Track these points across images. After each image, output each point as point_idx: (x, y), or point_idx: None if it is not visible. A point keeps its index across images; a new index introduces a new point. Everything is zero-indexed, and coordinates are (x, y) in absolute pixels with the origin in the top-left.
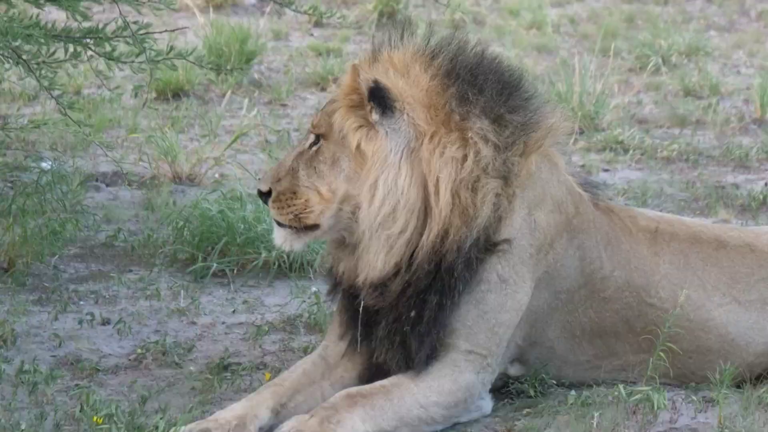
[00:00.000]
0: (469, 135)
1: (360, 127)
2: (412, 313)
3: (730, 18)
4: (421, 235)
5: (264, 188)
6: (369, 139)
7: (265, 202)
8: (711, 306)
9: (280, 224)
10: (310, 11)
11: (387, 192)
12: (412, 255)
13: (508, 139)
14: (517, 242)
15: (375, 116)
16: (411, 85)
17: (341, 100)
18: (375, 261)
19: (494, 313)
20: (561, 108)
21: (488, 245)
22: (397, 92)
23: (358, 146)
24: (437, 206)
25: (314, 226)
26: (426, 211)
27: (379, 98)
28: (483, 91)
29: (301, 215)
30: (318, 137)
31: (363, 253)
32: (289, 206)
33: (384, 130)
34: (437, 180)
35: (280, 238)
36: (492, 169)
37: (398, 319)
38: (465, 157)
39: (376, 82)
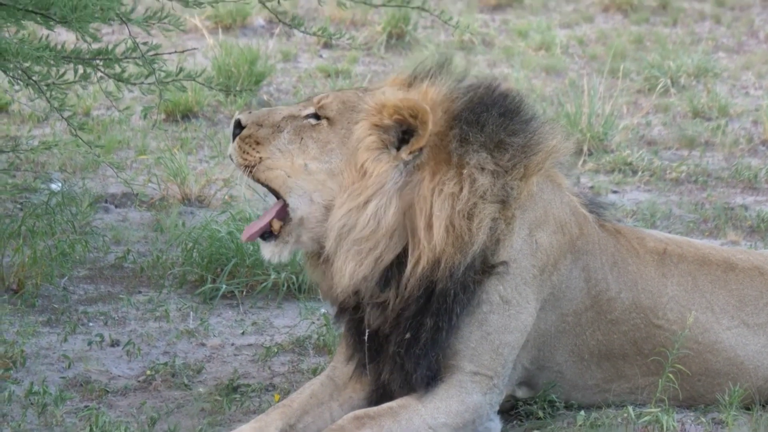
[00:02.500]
0: (464, 171)
1: (376, 148)
2: (408, 335)
3: (738, 39)
4: (398, 256)
5: (244, 121)
6: (377, 161)
7: (233, 135)
8: (719, 329)
9: (264, 236)
10: (319, 32)
11: (373, 214)
12: (399, 281)
13: (509, 163)
14: (518, 263)
15: (405, 156)
16: (433, 127)
17: (373, 112)
18: (344, 269)
19: (498, 334)
20: (562, 128)
21: (485, 267)
22: (428, 138)
23: (363, 163)
24: (429, 241)
25: (281, 220)
26: (407, 236)
27: (417, 141)
28: (484, 127)
29: (256, 169)
30: (319, 116)
31: (334, 259)
32: (248, 153)
33: (397, 164)
34: (431, 216)
35: (267, 249)
36: (490, 194)
37: (399, 342)
38: (461, 190)
39: (426, 124)
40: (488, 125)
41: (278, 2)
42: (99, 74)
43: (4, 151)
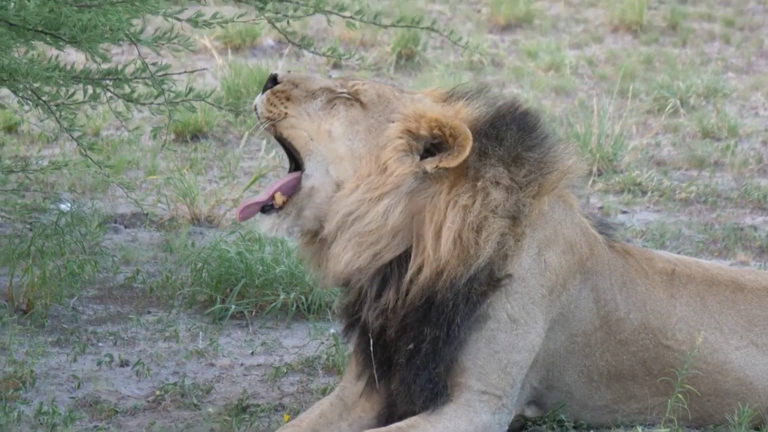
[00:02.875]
0: (479, 184)
1: (402, 150)
2: (411, 346)
3: (748, 60)
4: (399, 258)
5: (280, 77)
6: (400, 162)
7: (265, 88)
8: (728, 349)
9: (264, 209)
10: (329, 53)
11: (383, 211)
12: (399, 283)
13: (524, 179)
14: (526, 282)
15: (429, 168)
16: None
17: (411, 118)
18: (341, 256)
19: (506, 353)
20: (575, 149)
21: (491, 281)
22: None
23: (386, 160)
24: (435, 251)
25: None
26: (411, 240)
27: (448, 161)
28: (503, 141)
29: (279, 124)
30: (355, 99)
31: (332, 244)
32: (275, 106)
33: (418, 171)
34: (441, 227)
35: (266, 222)
36: (502, 209)
37: (397, 351)
38: (474, 203)
39: (464, 149)
40: (507, 140)
41: (288, 23)
42: (108, 94)
43: (14, 171)
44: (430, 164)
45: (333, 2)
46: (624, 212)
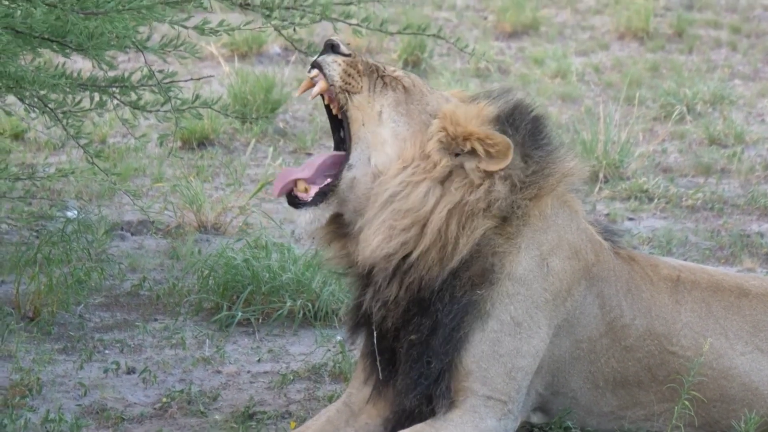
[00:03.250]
0: (500, 173)
1: (443, 143)
2: (413, 337)
3: (754, 67)
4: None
5: (344, 49)
6: (441, 154)
7: (324, 50)
8: (733, 354)
9: (299, 203)
10: None
11: (424, 196)
12: (402, 280)
13: (527, 179)
14: (528, 285)
15: (468, 166)
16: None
17: (448, 120)
18: (372, 238)
19: (510, 357)
20: (577, 153)
21: (482, 273)
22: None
23: (430, 150)
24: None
25: (345, 156)
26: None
27: (489, 166)
28: (516, 137)
29: (353, 98)
30: (398, 82)
31: (365, 227)
32: (355, 80)
33: (454, 166)
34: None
35: (306, 216)
36: (496, 208)
37: (397, 338)
38: (483, 188)
39: (506, 158)
40: (520, 136)
41: (294, 30)
42: (115, 102)
43: (21, 179)
44: (469, 163)
45: (339, 10)
46: (630, 219)
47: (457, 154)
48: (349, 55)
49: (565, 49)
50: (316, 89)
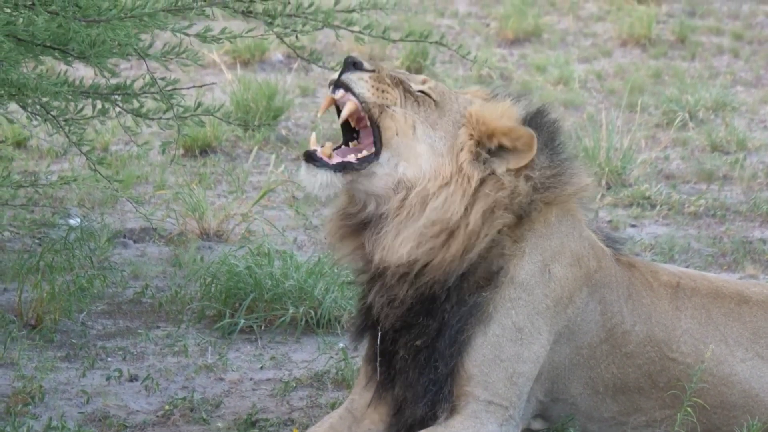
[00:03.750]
0: (525, 171)
1: (474, 153)
2: (418, 342)
3: (756, 73)
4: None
5: (370, 66)
6: (474, 166)
7: (346, 68)
8: (733, 361)
9: (318, 163)
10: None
11: (458, 209)
12: (413, 281)
13: (548, 181)
14: (529, 290)
15: (499, 171)
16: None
17: (473, 124)
18: (401, 246)
19: (511, 363)
20: (589, 168)
21: (488, 275)
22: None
23: (462, 162)
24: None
25: (374, 154)
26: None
27: (517, 161)
28: (541, 131)
29: (386, 110)
30: (428, 96)
31: (390, 232)
32: (387, 92)
33: (486, 174)
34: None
35: (324, 177)
36: (516, 203)
37: (408, 347)
38: (513, 188)
39: (532, 149)
40: (543, 139)
41: (296, 37)
42: (117, 109)
43: (23, 186)
44: (499, 167)
45: (342, 17)
46: (633, 226)
47: (485, 161)
48: (373, 71)
49: (567, 56)
50: (345, 111)
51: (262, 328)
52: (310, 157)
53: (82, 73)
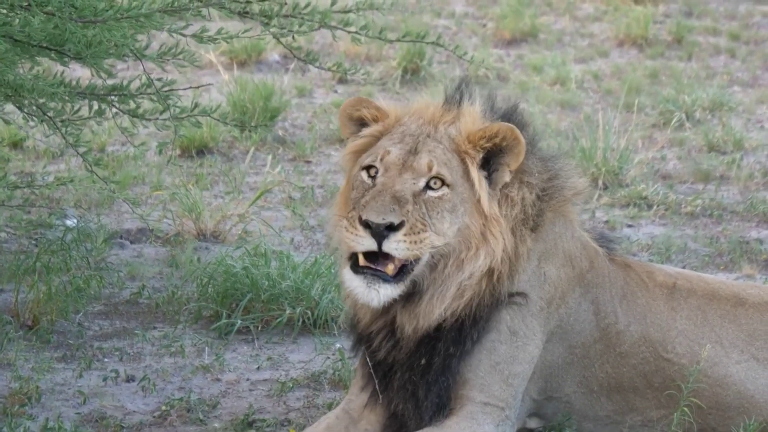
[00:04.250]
0: (525, 178)
1: (486, 186)
2: (423, 361)
3: (753, 73)
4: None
5: (397, 220)
6: (492, 200)
7: (380, 236)
8: (728, 363)
9: (384, 279)
10: (334, 68)
11: (502, 251)
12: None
13: (546, 185)
14: (527, 295)
15: (508, 177)
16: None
17: (471, 153)
18: (440, 304)
19: (507, 365)
20: (577, 164)
21: (502, 296)
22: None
23: (487, 209)
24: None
25: (411, 270)
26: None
27: (515, 159)
28: (524, 131)
29: (425, 251)
30: (442, 185)
31: (425, 300)
32: (422, 240)
33: (504, 192)
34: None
35: (383, 296)
36: (531, 218)
37: (411, 368)
38: (519, 199)
39: (519, 140)
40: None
41: (293, 38)
42: (114, 110)
43: (20, 187)
44: (501, 177)
45: (338, 17)
46: (630, 226)
47: (492, 172)
48: (403, 222)
49: (564, 56)
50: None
51: (259, 328)
52: (375, 273)
53: (79, 73)
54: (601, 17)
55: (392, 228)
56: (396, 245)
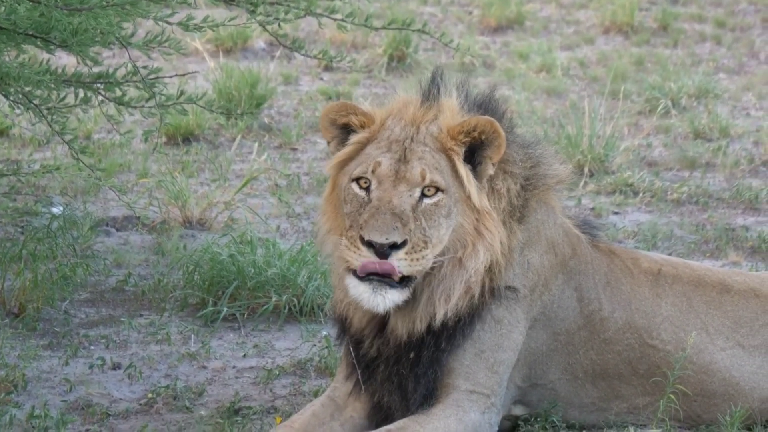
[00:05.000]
0: (508, 168)
1: (473, 180)
2: (411, 355)
3: (739, 60)
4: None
5: (400, 239)
6: (480, 192)
7: (383, 254)
8: (714, 350)
9: (390, 284)
10: (320, 55)
11: (499, 242)
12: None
13: (531, 174)
14: (512, 283)
15: (492, 170)
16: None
17: (455, 148)
18: (444, 303)
19: (491, 353)
20: (558, 151)
21: (499, 290)
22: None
23: (477, 203)
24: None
25: (414, 277)
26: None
27: (497, 152)
28: (502, 120)
29: (426, 268)
30: (437, 191)
31: (436, 295)
32: (423, 258)
33: (490, 185)
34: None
35: (389, 301)
36: (517, 209)
37: (397, 362)
38: (504, 191)
39: (498, 132)
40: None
41: (279, 25)
42: (100, 98)
43: (5, 175)
44: (485, 170)
45: (324, 5)
46: (616, 213)
47: (477, 165)
48: (405, 242)
49: (550, 43)
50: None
51: (245, 316)
52: (383, 280)
53: (65, 61)
54: (587, 4)
55: (395, 246)
56: (398, 263)
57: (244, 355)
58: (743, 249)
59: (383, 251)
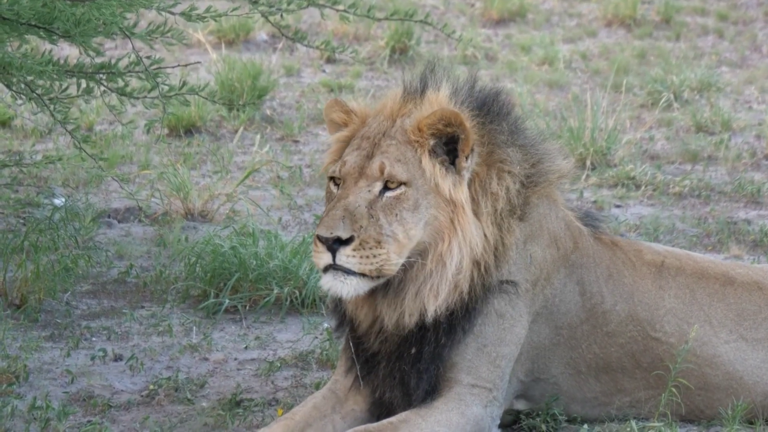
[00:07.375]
0: (506, 168)
1: (447, 173)
2: (413, 350)
3: (741, 54)
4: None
5: (345, 235)
6: (456, 185)
7: (332, 249)
8: (717, 342)
9: (348, 272)
10: (322, 47)
11: (477, 239)
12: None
13: (531, 172)
14: (513, 277)
15: (466, 162)
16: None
17: (420, 140)
18: (432, 301)
19: (494, 347)
20: (559, 144)
21: (493, 285)
22: (472, 137)
23: (449, 195)
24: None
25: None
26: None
27: (465, 145)
28: (499, 117)
29: (384, 267)
30: (399, 184)
31: (424, 291)
32: (375, 256)
33: (466, 176)
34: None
35: (351, 287)
36: (518, 208)
37: (399, 358)
38: (503, 191)
39: (463, 124)
40: (504, 122)
41: (281, 17)
42: (102, 88)
43: (8, 166)
44: (460, 162)
45: None
46: (618, 206)
47: (452, 163)
48: (352, 238)
49: (552, 36)
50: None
51: (247, 308)
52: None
53: (67, 52)
54: None
55: (341, 242)
56: (346, 259)
57: (246, 347)
58: (745, 242)
59: (330, 245)
